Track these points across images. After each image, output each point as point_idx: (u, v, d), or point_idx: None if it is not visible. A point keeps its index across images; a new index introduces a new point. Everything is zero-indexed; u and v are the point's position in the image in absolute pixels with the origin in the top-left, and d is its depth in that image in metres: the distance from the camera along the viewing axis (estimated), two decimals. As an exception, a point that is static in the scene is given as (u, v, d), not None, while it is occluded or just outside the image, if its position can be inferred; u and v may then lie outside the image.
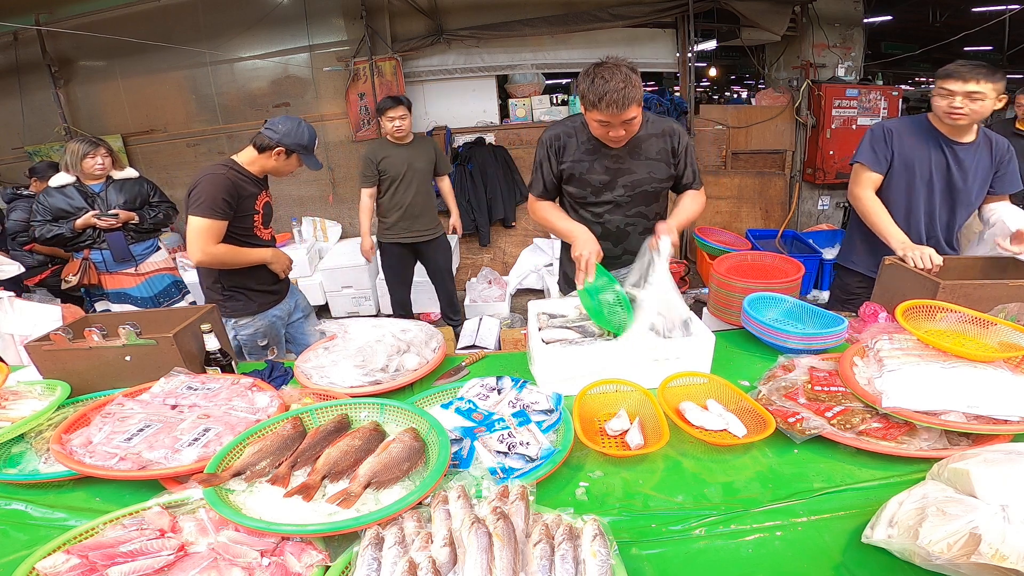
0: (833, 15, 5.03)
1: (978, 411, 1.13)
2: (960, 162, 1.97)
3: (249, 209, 2.05)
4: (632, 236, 1.91)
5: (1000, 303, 1.51)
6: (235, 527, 0.96)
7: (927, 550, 0.79)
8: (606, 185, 1.84)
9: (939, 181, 2.00)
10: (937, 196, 2.01)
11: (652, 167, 1.83)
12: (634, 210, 1.89)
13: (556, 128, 1.87)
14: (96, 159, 2.67)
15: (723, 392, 1.38)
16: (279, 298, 2.28)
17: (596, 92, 1.58)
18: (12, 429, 1.32)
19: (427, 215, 3.46)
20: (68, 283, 2.80)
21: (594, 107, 1.61)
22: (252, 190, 2.05)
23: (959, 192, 2.00)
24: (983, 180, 1.98)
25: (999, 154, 1.97)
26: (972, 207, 2.05)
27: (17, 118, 5.01)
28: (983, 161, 1.97)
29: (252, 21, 4.76)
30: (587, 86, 1.60)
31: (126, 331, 1.55)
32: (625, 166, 1.82)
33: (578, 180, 1.85)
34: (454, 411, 1.36)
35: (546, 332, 1.65)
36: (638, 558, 0.95)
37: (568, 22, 4.70)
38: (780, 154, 5.09)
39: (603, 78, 1.57)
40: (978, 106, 1.82)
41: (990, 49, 8.18)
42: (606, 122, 1.64)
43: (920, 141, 2.00)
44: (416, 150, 3.37)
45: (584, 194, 1.87)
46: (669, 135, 1.83)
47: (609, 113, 1.60)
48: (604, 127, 1.67)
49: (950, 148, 1.96)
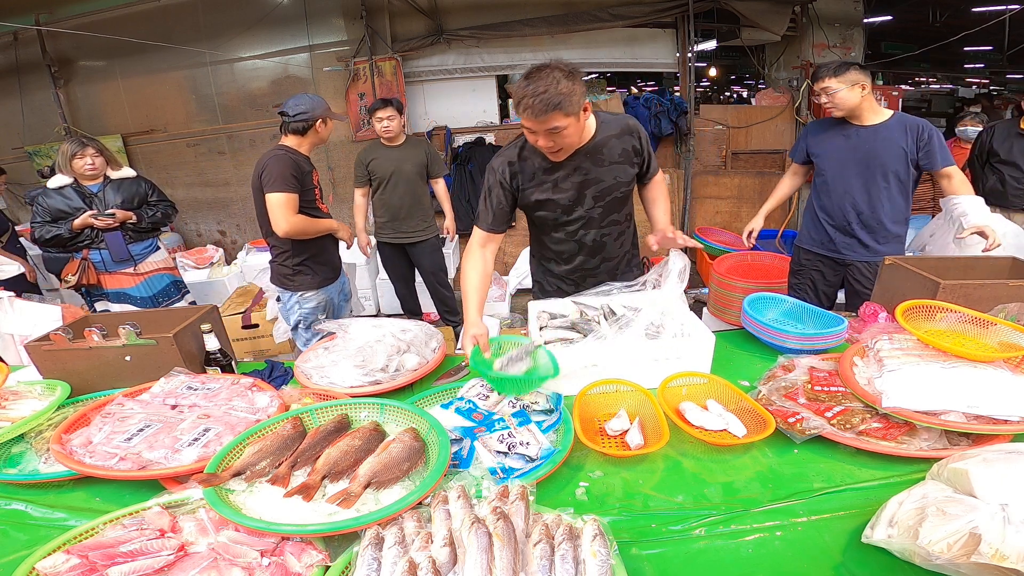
0: (833, 15, 5.04)
1: (978, 411, 1.12)
2: (862, 139, 2.22)
3: (309, 184, 2.28)
4: (608, 245, 1.84)
5: (1000, 303, 1.51)
6: (235, 527, 0.96)
7: (927, 550, 0.79)
8: (575, 201, 1.72)
9: (846, 160, 2.27)
10: (848, 172, 2.27)
11: (617, 171, 1.70)
12: (607, 219, 1.79)
13: (506, 153, 1.72)
14: (85, 159, 2.66)
15: (723, 392, 1.38)
16: (336, 276, 2.51)
17: (517, 94, 1.46)
18: (12, 429, 1.32)
19: (415, 217, 3.49)
20: (67, 283, 2.79)
21: (521, 114, 1.48)
22: (307, 168, 2.29)
23: (867, 165, 2.23)
24: (896, 154, 2.18)
25: (914, 133, 2.15)
26: (892, 178, 2.22)
27: (17, 118, 5.02)
28: (893, 137, 2.17)
29: (252, 21, 4.76)
30: (517, 94, 1.47)
31: (126, 331, 1.55)
32: (591, 176, 1.68)
33: (545, 204, 1.72)
34: (454, 411, 1.36)
35: (546, 332, 1.65)
36: (638, 558, 0.95)
37: (568, 22, 4.70)
38: (780, 154, 5.09)
39: (529, 79, 1.43)
40: (836, 99, 2.15)
41: (990, 49, 8.19)
42: (530, 129, 1.50)
43: (826, 132, 2.33)
44: (406, 152, 3.40)
45: (555, 216, 1.76)
46: (629, 133, 1.71)
47: (528, 118, 1.46)
48: (532, 135, 1.53)
49: (851, 130, 2.24)
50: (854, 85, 2.13)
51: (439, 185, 3.61)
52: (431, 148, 3.55)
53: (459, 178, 4.88)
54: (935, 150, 2.15)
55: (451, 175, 4.95)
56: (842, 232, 2.33)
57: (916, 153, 2.17)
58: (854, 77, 2.12)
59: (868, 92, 2.16)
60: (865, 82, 2.13)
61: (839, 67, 2.14)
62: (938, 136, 2.16)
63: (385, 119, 3.25)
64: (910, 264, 1.76)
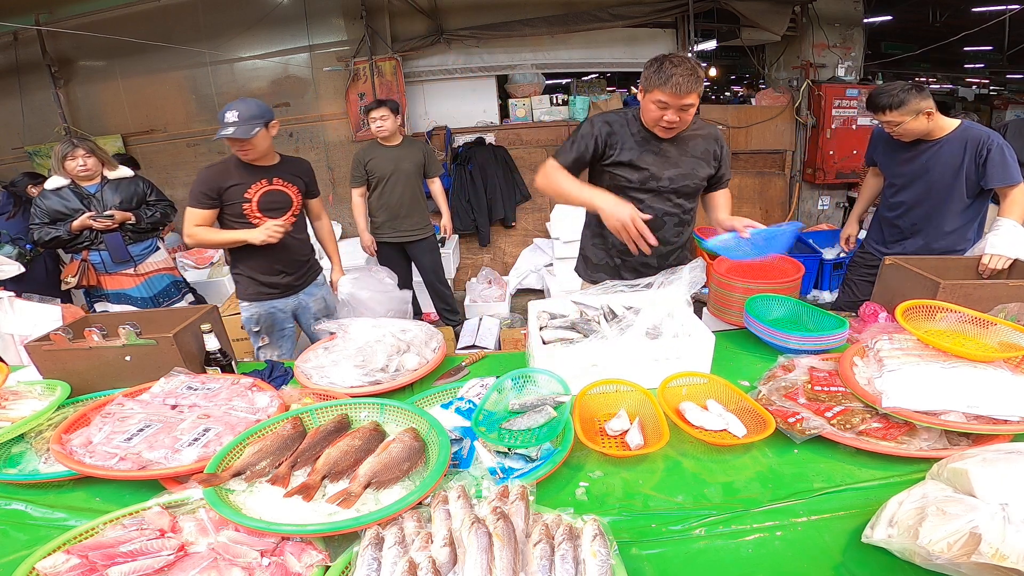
0: (833, 15, 5.03)
1: (978, 411, 1.13)
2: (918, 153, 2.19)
3: (236, 198, 2.18)
4: (668, 226, 1.93)
5: (1000, 303, 1.51)
6: (235, 527, 0.96)
7: (927, 550, 0.79)
8: (652, 176, 1.86)
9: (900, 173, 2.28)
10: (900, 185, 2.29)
11: (696, 165, 1.88)
12: (675, 201, 1.92)
13: (608, 115, 1.89)
14: (76, 160, 2.65)
15: (723, 392, 1.38)
16: (288, 292, 2.42)
17: (664, 74, 1.64)
18: (12, 429, 1.32)
19: (414, 216, 3.52)
20: (67, 284, 2.79)
21: (658, 87, 1.66)
22: (240, 180, 2.18)
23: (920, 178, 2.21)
24: (949, 171, 2.12)
25: (974, 147, 2.07)
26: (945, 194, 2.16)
27: (17, 118, 5.01)
28: (951, 152, 2.11)
29: (252, 21, 4.75)
30: (654, 70, 1.67)
31: (126, 331, 1.55)
32: (672, 159, 1.86)
33: (627, 166, 1.86)
34: (454, 411, 1.36)
35: (546, 332, 1.65)
36: (638, 558, 0.95)
37: (568, 22, 4.70)
38: (780, 154, 5.09)
39: (672, 63, 1.65)
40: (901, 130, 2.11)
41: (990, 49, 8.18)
42: (665, 104, 1.68)
43: (887, 140, 2.28)
44: (404, 151, 3.42)
45: (631, 181, 1.87)
46: (714, 139, 1.93)
47: (671, 94, 1.64)
48: (661, 109, 1.70)
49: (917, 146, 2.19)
50: (918, 115, 2.04)
51: (435, 185, 3.63)
52: (428, 148, 3.57)
53: (459, 178, 4.87)
54: (991, 166, 2.03)
55: (451, 175, 4.94)
56: (895, 242, 2.36)
57: (975, 169, 2.07)
58: (916, 106, 2.03)
59: (935, 113, 2.07)
60: (929, 107, 2.04)
61: (897, 98, 2.03)
62: (1000, 151, 2.02)
63: (379, 119, 3.29)
64: (910, 264, 1.76)
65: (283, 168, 2.31)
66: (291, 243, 2.33)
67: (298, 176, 2.36)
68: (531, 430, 1.25)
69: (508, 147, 4.99)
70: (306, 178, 2.41)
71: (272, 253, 2.28)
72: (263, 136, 2.13)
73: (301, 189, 2.36)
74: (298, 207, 2.36)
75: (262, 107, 2.14)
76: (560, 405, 1.32)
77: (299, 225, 2.41)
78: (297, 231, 2.39)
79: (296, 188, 2.33)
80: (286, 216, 2.28)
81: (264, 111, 2.14)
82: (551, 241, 4.91)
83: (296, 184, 2.33)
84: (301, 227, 2.44)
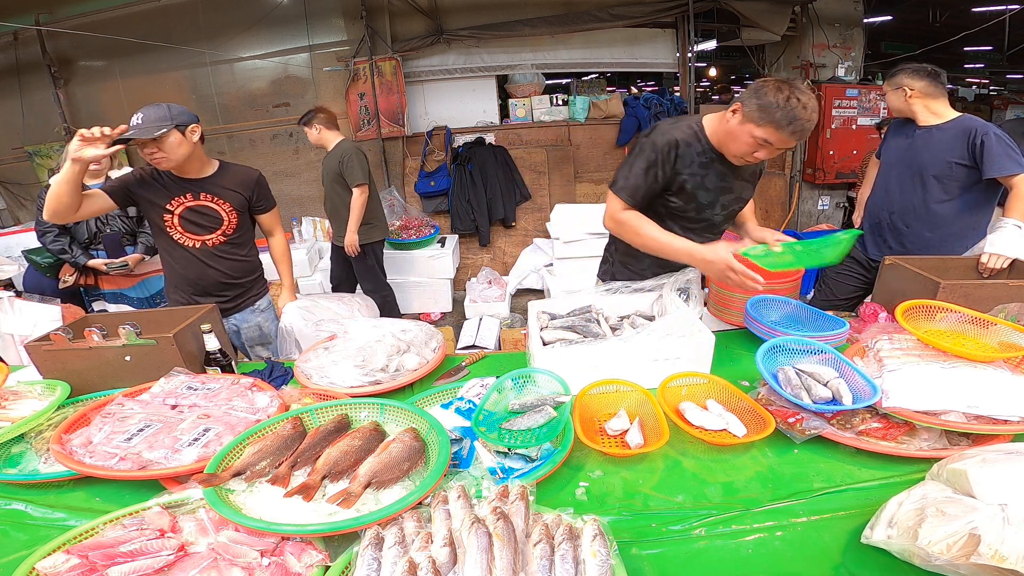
0: (833, 15, 5.04)
1: (978, 411, 1.13)
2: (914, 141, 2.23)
3: (154, 207, 1.98)
4: None
5: (1000, 303, 1.51)
6: (235, 527, 0.96)
7: (927, 551, 0.79)
8: (710, 204, 1.69)
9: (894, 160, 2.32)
10: (891, 172, 2.33)
11: (745, 189, 1.76)
12: (720, 228, 1.81)
13: (673, 132, 1.62)
14: None
15: (723, 392, 1.38)
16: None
17: (789, 115, 1.41)
18: (12, 429, 1.32)
19: (335, 224, 3.67)
20: (65, 283, 2.80)
21: (775, 126, 1.43)
22: (161, 191, 1.97)
23: (908, 166, 2.24)
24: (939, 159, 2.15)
25: (968, 136, 2.07)
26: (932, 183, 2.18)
27: (17, 118, 5.01)
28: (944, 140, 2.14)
29: (252, 21, 4.76)
30: (778, 102, 1.41)
31: (126, 331, 1.55)
32: (727, 184, 1.68)
33: (687, 194, 1.66)
34: (454, 411, 1.36)
35: (546, 332, 1.65)
36: (638, 558, 0.95)
37: (568, 22, 4.70)
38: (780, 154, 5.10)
39: (800, 102, 1.40)
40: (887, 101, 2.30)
41: (990, 49, 8.19)
42: (770, 144, 1.48)
43: (895, 131, 2.37)
44: (328, 159, 3.53)
45: (688, 208, 1.69)
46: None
47: (787, 139, 1.45)
48: (762, 148, 1.50)
49: (910, 131, 2.27)
50: (898, 88, 2.21)
51: (353, 194, 3.47)
52: (348, 155, 3.42)
53: (459, 178, 4.88)
54: (988, 154, 2.01)
55: (451, 175, 4.95)
56: (873, 232, 2.38)
57: (972, 159, 2.06)
58: (898, 80, 2.21)
59: (916, 94, 2.18)
60: (912, 84, 2.18)
61: (893, 72, 2.24)
62: (998, 140, 2.01)
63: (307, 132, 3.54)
64: (910, 264, 1.77)
65: (217, 181, 2.04)
66: (218, 263, 2.09)
67: (235, 190, 2.07)
68: (531, 430, 1.25)
69: (508, 147, 5.00)
70: (248, 192, 2.11)
71: (194, 273, 2.08)
72: (176, 141, 1.85)
73: (237, 205, 2.08)
74: (232, 225, 2.08)
75: (177, 110, 1.87)
76: (560, 405, 1.32)
77: (236, 243, 2.13)
78: (229, 250, 2.12)
79: (230, 204, 2.05)
80: (215, 234, 2.05)
81: (178, 113, 1.87)
82: (551, 241, 4.91)
83: (231, 199, 2.06)
84: (238, 246, 2.15)
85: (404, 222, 4.75)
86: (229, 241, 2.11)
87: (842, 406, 1.20)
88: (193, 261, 2.07)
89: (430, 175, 5.08)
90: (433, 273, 4.67)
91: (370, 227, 3.61)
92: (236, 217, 2.09)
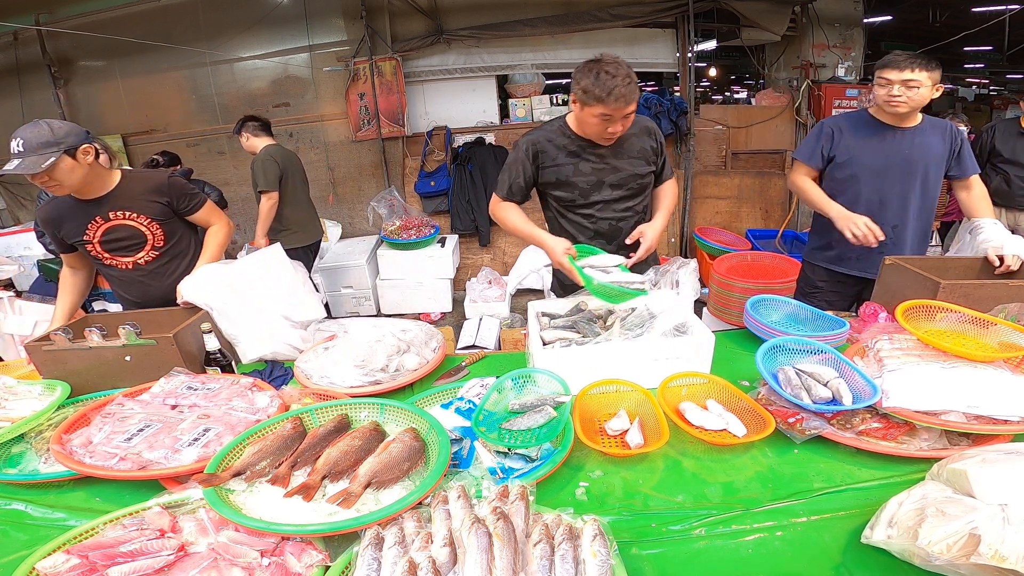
0: (833, 15, 5.03)
1: (978, 411, 1.13)
2: (903, 143, 2.01)
3: (78, 239, 1.88)
4: (624, 232, 1.91)
5: (1000, 303, 1.51)
6: (235, 527, 0.96)
7: (927, 551, 0.79)
8: (593, 186, 1.84)
9: (885, 166, 2.04)
10: (885, 180, 2.06)
11: (635, 164, 1.85)
12: (623, 206, 1.90)
13: (534, 134, 1.86)
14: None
15: (723, 392, 1.38)
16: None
17: (604, 87, 1.58)
18: (12, 429, 1.32)
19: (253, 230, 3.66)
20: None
21: (599, 101, 1.61)
22: (73, 219, 1.85)
23: (908, 172, 2.03)
24: (935, 160, 2.02)
25: (949, 136, 2.00)
26: (931, 187, 2.06)
27: (17, 118, 5.00)
28: (933, 141, 2.01)
29: (252, 21, 4.75)
30: (591, 81, 1.60)
31: (126, 331, 1.55)
32: (610, 164, 1.83)
33: (564, 184, 1.85)
34: (454, 411, 1.36)
35: (546, 332, 1.65)
36: (638, 558, 0.95)
37: (568, 22, 4.70)
38: (780, 154, 5.08)
39: (608, 73, 1.58)
40: (914, 94, 1.89)
41: (990, 49, 8.19)
42: (608, 116, 1.64)
43: (858, 132, 2.06)
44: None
45: (572, 197, 1.87)
46: (648, 134, 1.87)
47: (615, 107, 1.61)
48: (605, 122, 1.67)
49: (893, 133, 2.02)
50: (935, 85, 1.91)
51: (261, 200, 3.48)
52: (256, 161, 3.43)
53: (459, 178, 4.87)
54: (966, 155, 1.99)
55: (451, 175, 4.94)
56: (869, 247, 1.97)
57: (949, 159, 2.00)
58: (938, 76, 1.91)
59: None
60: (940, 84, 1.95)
61: (928, 61, 1.89)
62: (966, 138, 2.01)
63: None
64: (910, 264, 1.76)
65: (124, 194, 1.85)
66: (159, 280, 1.97)
67: (150, 199, 1.89)
68: (531, 430, 1.25)
69: (508, 147, 4.99)
70: (164, 197, 1.92)
71: (136, 294, 2.00)
72: (67, 167, 1.67)
73: (158, 214, 1.91)
74: (160, 238, 1.93)
75: (60, 130, 1.68)
76: (560, 405, 1.32)
77: (174, 255, 1.99)
78: (168, 264, 1.98)
79: (147, 216, 1.89)
80: (144, 252, 1.92)
81: (64, 135, 1.67)
82: (551, 241, 4.90)
83: (148, 211, 1.89)
84: (178, 256, 2.01)
85: (404, 222, 4.74)
86: (164, 254, 1.96)
87: (842, 406, 1.20)
88: (134, 282, 1.96)
89: (430, 175, 5.07)
90: (433, 273, 4.67)
91: (289, 232, 3.51)
92: (162, 228, 1.92)
